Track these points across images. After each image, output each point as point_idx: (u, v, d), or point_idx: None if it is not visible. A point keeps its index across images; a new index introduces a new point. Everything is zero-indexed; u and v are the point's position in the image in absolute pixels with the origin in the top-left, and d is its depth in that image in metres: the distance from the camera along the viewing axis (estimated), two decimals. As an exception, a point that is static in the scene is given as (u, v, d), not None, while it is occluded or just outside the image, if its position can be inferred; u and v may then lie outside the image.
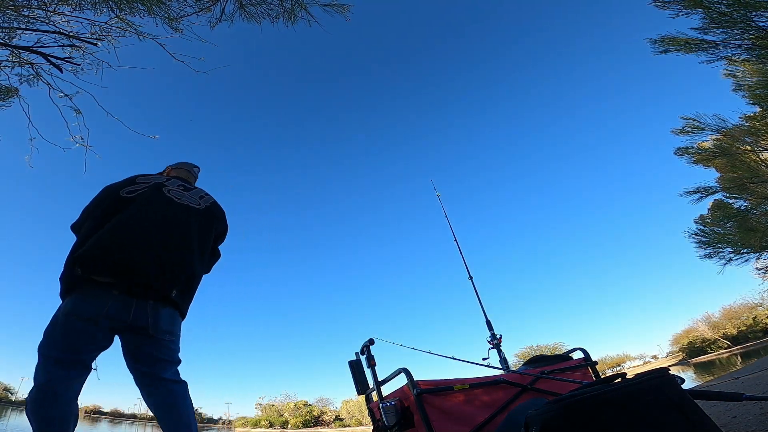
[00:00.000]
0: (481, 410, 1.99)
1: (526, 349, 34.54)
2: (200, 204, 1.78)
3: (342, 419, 33.51)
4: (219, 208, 1.89)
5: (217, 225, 1.83)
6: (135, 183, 1.71)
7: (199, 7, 3.65)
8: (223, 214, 1.91)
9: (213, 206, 1.85)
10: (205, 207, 1.79)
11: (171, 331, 1.50)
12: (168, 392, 1.45)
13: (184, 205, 1.71)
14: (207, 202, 1.83)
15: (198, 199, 1.80)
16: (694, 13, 4.25)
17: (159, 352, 1.46)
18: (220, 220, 1.86)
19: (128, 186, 1.68)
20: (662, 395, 1.01)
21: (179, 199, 1.72)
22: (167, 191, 1.72)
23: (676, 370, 8.61)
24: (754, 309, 33.93)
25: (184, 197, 1.75)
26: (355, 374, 2.44)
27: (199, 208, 1.76)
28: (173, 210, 1.65)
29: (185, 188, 1.83)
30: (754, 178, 5.73)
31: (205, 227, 1.73)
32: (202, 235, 1.70)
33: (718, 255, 6.61)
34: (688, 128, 5.97)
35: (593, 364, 2.46)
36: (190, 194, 1.80)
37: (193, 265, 1.58)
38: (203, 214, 1.75)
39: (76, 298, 1.37)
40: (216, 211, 1.85)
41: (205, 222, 1.74)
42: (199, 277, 1.66)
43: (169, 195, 1.70)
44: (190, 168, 2.16)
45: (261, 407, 39.29)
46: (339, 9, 3.64)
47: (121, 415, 54.26)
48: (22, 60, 3.80)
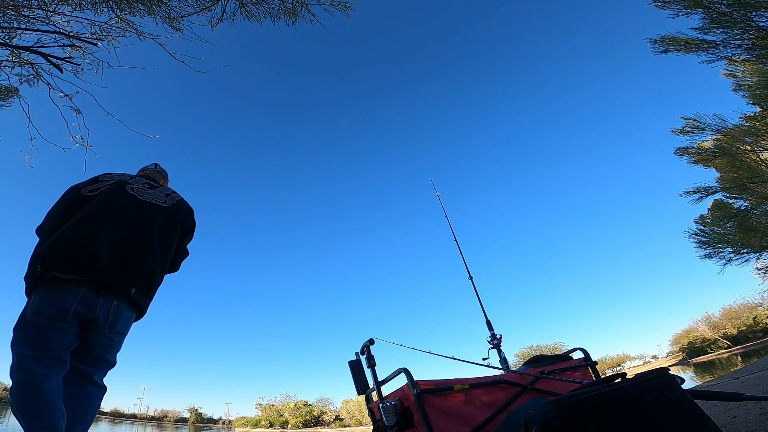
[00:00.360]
0: (481, 410, 1.99)
1: (526, 349, 34.58)
2: (165, 201, 1.78)
3: (342, 419, 33.51)
4: (186, 205, 1.88)
5: (183, 222, 1.81)
6: (98, 182, 1.72)
7: (199, 6, 3.65)
8: (191, 211, 1.90)
9: (179, 204, 1.84)
10: (171, 204, 1.78)
11: (123, 333, 1.51)
12: (85, 394, 1.43)
13: (147, 202, 1.70)
14: (173, 200, 1.82)
15: (164, 197, 1.80)
16: (694, 13, 4.25)
17: (105, 353, 1.46)
18: (187, 218, 1.85)
19: (91, 185, 1.69)
20: (662, 395, 1.01)
21: (143, 196, 1.71)
22: (130, 189, 1.72)
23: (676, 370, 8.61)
24: (754, 309, 33.93)
25: (149, 195, 1.75)
26: (355, 374, 2.44)
27: (164, 205, 1.75)
28: (135, 207, 1.65)
29: (150, 186, 1.82)
30: (754, 178, 5.73)
31: (169, 225, 1.72)
32: (166, 232, 1.69)
33: (718, 255, 6.61)
34: (688, 128, 5.98)
35: (593, 364, 2.46)
36: (155, 192, 1.79)
37: (154, 263, 1.58)
38: (168, 212, 1.74)
39: (41, 296, 1.36)
40: (182, 209, 1.84)
41: (169, 219, 1.73)
42: (160, 275, 1.65)
43: (133, 192, 1.70)
44: (160, 170, 2.17)
45: (261, 407, 39.30)
46: (341, 8, 3.64)
47: (121, 415, 54.24)
48: (22, 60, 3.80)
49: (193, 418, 52.24)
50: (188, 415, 53.04)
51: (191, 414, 52.60)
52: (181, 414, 54.00)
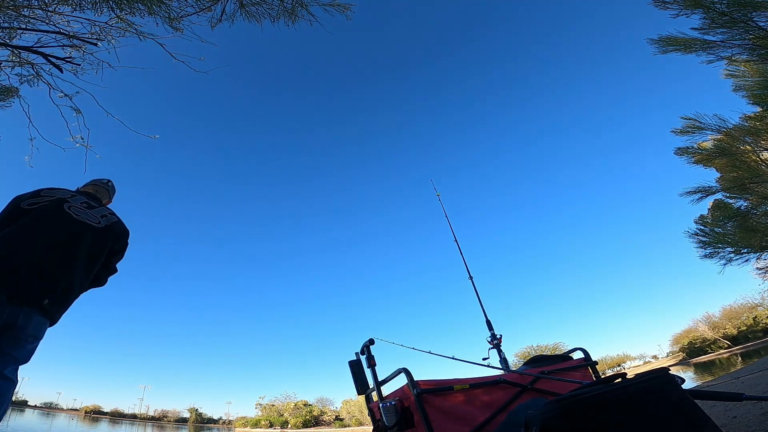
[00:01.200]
0: (481, 410, 2.00)
1: (526, 349, 34.59)
2: (100, 222, 1.89)
3: (342, 419, 33.52)
4: (119, 227, 2.00)
5: (114, 243, 1.93)
6: (39, 196, 1.83)
7: (199, 6, 3.65)
8: (124, 233, 2.02)
9: (114, 225, 1.96)
10: (104, 225, 1.90)
11: (37, 335, 1.59)
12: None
13: (81, 222, 1.81)
14: (108, 221, 1.94)
15: (99, 218, 1.91)
16: (694, 13, 4.26)
17: (14, 350, 1.53)
18: (118, 239, 1.97)
19: (31, 198, 1.81)
20: (662, 395, 1.01)
21: (78, 216, 1.83)
22: (68, 207, 1.83)
23: (676, 370, 8.62)
24: (754, 309, 33.95)
25: (84, 215, 1.86)
26: (355, 374, 2.44)
27: (98, 226, 1.87)
28: (68, 226, 1.76)
29: (89, 206, 1.94)
30: (754, 178, 5.73)
31: (98, 244, 1.84)
32: (94, 251, 1.81)
33: (718, 255, 6.61)
34: (688, 128, 5.98)
35: (593, 364, 2.46)
36: (92, 212, 1.91)
37: (72, 279, 1.68)
38: (100, 232, 1.86)
39: None
40: (115, 230, 1.96)
41: (100, 239, 1.85)
42: (78, 290, 1.75)
43: (69, 211, 1.81)
44: (102, 184, 2.27)
45: (261, 407, 39.32)
46: (340, 8, 3.64)
47: (121, 415, 54.24)
48: (22, 60, 3.80)
49: (193, 418, 52.25)
50: (188, 415, 53.06)
51: (191, 414, 52.62)
52: (181, 414, 54.04)
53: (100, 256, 1.85)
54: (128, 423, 48.15)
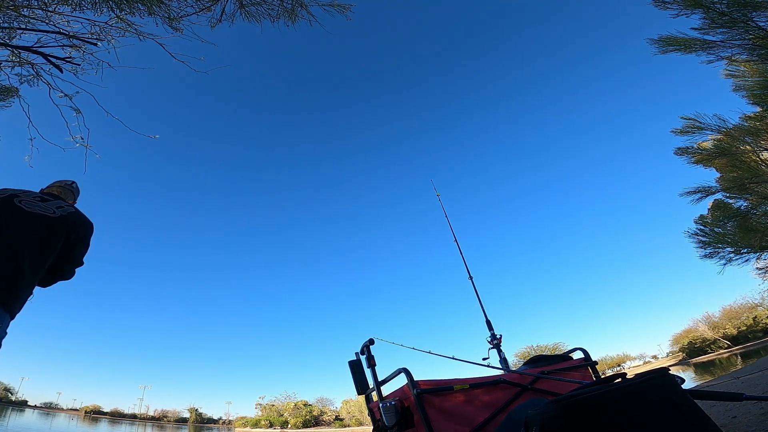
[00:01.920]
0: (481, 410, 2.00)
1: (526, 349, 34.61)
2: (54, 212, 1.90)
3: (342, 419, 33.52)
4: (76, 217, 2.00)
5: (70, 232, 1.93)
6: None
7: (199, 7, 3.66)
8: (84, 223, 2.02)
9: (70, 215, 1.96)
10: (59, 215, 1.91)
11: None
12: None
13: (33, 213, 1.84)
14: (64, 211, 1.95)
15: (54, 209, 1.92)
16: (694, 13, 4.26)
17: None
18: (75, 228, 1.96)
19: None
20: (662, 395, 1.01)
21: (30, 208, 1.85)
22: (18, 201, 1.86)
23: (676, 370, 8.62)
24: (754, 309, 33.95)
25: (37, 207, 1.88)
26: (355, 374, 2.44)
27: (52, 216, 1.88)
28: (18, 218, 1.79)
29: (42, 199, 1.96)
30: (754, 178, 5.73)
31: (52, 233, 1.84)
32: (48, 239, 1.82)
33: (718, 255, 6.61)
34: (688, 128, 5.98)
35: (593, 364, 2.46)
36: (45, 204, 1.93)
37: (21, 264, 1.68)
38: (54, 221, 1.87)
39: None
40: (70, 219, 1.95)
41: (53, 228, 1.85)
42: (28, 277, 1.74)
43: (20, 205, 1.85)
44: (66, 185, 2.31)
45: (261, 407, 39.32)
46: (340, 9, 3.64)
47: (121, 415, 54.26)
48: (22, 60, 3.80)
49: (193, 418, 52.26)
50: (188, 415, 53.07)
51: (191, 414, 52.62)
52: (181, 414, 54.05)
53: (55, 244, 1.85)
54: (128, 423, 48.15)
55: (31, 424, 25.08)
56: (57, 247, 1.86)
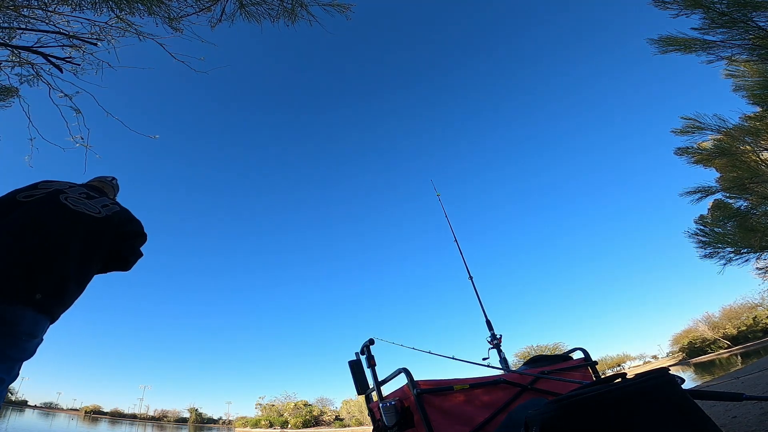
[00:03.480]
0: (481, 410, 2.00)
1: (526, 349, 34.59)
2: (100, 212, 1.80)
3: (342, 419, 33.51)
4: (124, 215, 1.92)
5: (117, 229, 1.84)
6: (36, 188, 1.76)
7: (199, 7, 3.65)
8: (130, 220, 1.93)
9: (116, 215, 1.86)
10: (105, 215, 1.80)
11: (32, 333, 1.50)
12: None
13: (78, 212, 1.72)
14: (110, 210, 1.85)
15: (99, 208, 1.82)
16: (694, 13, 4.25)
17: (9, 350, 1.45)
18: (123, 226, 1.87)
19: (28, 191, 1.73)
20: (662, 395, 1.01)
21: (75, 206, 1.74)
22: (64, 198, 1.75)
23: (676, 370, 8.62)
24: (754, 309, 33.93)
25: (83, 205, 1.77)
26: (355, 374, 2.44)
27: (98, 216, 1.77)
28: (62, 216, 1.67)
29: (88, 196, 1.85)
30: (754, 178, 5.73)
31: (98, 234, 1.74)
32: (93, 241, 1.71)
33: (718, 255, 6.61)
34: (688, 128, 5.98)
35: (593, 364, 2.46)
36: (91, 202, 1.82)
37: (67, 271, 1.59)
38: (100, 222, 1.76)
39: None
40: (118, 219, 1.86)
41: (101, 229, 1.75)
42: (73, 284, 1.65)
43: (65, 201, 1.73)
44: (107, 181, 2.22)
45: (261, 407, 39.30)
46: (340, 8, 3.64)
47: (121, 415, 54.22)
48: (22, 60, 3.80)
49: (193, 418, 52.23)
50: (188, 415, 53.04)
51: (191, 414, 52.60)
52: (181, 414, 54.02)
53: (100, 246, 1.75)
54: (128, 423, 48.13)
55: (31, 424, 25.08)
56: (104, 249, 1.77)
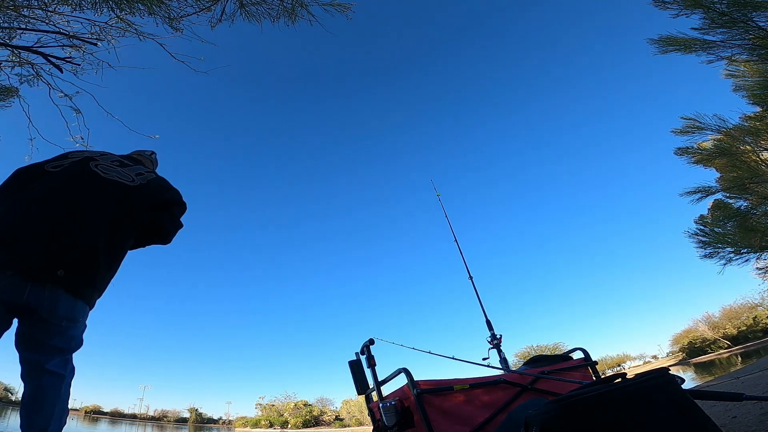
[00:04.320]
0: (481, 410, 1.99)
1: (526, 349, 34.58)
2: (134, 180, 1.67)
3: (342, 419, 33.50)
4: (161, 184, 1.78)
5: (152, 198, 1.69)
6: (66, 158, 1.64)
7: (199, 7, 3.65)
8: (166, 189, 1.78)
9: (151, 182, 1.72)
10: (139, 183, 1.67)
11: (70, 317, 1.36)
12: (38, 387, 1.32)
13: (110, 179, 1.59)
14: (144, 179, 1.71)
15: (133, 176, 1.69)
16: (694, 13, 4.25)
17: (50, 338, 1.33)
18: (159, 195, 1.73)
19: (57, 161, 1.61)
20: (662, 395, 1.01)
21: (106, 173, 1.61)
22: (94, 165, 1.62)
23: (676, 370, 8.60)
24: (754, 309, 33.93)
25: (114, 172, 1.64)
26: (355, 374, 2.44)
27: (132, 184, 1.64)
28: (92, 184, 1.54)
29: (121, 164, 1.72)
30: (754, 178, 5.73)
31: (132, 203, 1.60)
32: (124, 211, 1.56)
33: (718, 255, 6.61)
34: (688, 128, 5.98)
35: (593, 364, 2.46)
36: (124, 170, 1.69)
37: (95, 243, 1.42)
38: (134, 191, 1.62)
39: None
40: (153, 187, 1.72)
41: (134, 198, 1.61)
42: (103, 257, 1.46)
43: (96, 169, 1.60)
44: (146, 155, 2.08)
45: (261, 407, 39.29)
46: (340, 8, 3.64)
47: (121, 415, 54.23)
48: (22, 60, 3.80)
49: (193, 418, 52.24)
50: (188, 415, 53.05)
51: (191, 414, 52.60)
52: (181, 414, 54.02)
53: (133, 216, 1.59)
54: (128, 423, 48.12)
55: (31, 424, 25.00)
56: (138, 219, 1.61)
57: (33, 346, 1.34)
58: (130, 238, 1.61)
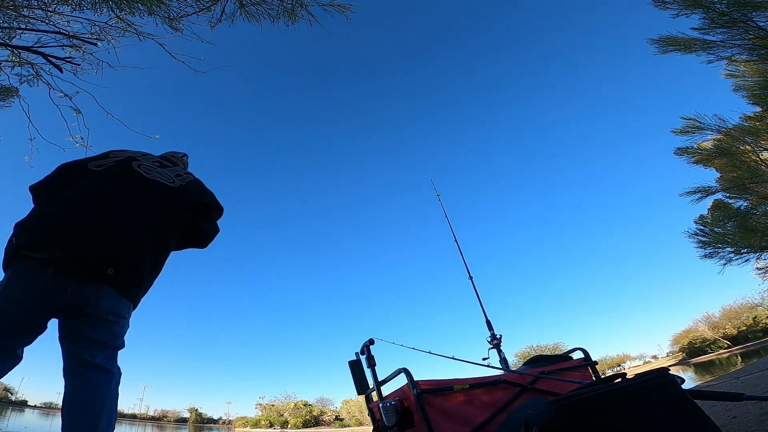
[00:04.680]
0: (481, 410, 1.99)
1: (526, 349, 34.59)
2: (174, 181, 1.67)
3: (342, 419, 33.49)
4: (199, 186, 1.78)
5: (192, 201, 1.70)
6: (107, 157, 1.64)
7: (199, 7, 3.65)
8: (203, 192, 1.79)
9: (190, 184, 1.73)
10: (179, 185, 1.67)
11: (116, 312, 1.36)
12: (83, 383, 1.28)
13: (152, 180, 1.60)
14: (184, 180, 1.72)
15: (173, 177, 1.69)
16: (694, 13, 4.25)
17: (97, 333, 1.32)
18: (197, 197, 1.73)
19: (99, 159, 1.61)
20: (662, 395, 1.01)
21: (149, 174, 1.62)
22: (137, 165, 1.62)
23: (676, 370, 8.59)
24: (754, 309, 33.94)
25: (156, 173, 1.64)
26: (355, 374, 2.44)
27: (172, 185, 1.65)
28: (135, 184, 1.54)
29: (161, 165, 1.73)
30: (754, 178, 5.73)
31: (174, 205, 1.61)
32: (167, 212, 1.56)
33: (718, 255, 6.60)
34: (688, 128, 5.97)
35: (593, 364, 2.46)
36: (165, 171, 1.70)
37: (141, 244, 1.43)
38: (175, 192, 1.63)
39: (10, 275, 1.26)
40: (192, 189, 1.73)
41: (176, 200, 1.62)
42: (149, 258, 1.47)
43: (138, 169, 1.61)
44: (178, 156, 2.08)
45: (261, 407, 39.28)
46: (340, 9, 3.64)
47: (121, 415, 54.20)
48: (22, 60, 3.80)
49: (193, 418, 52.25)
50: (188, 415, 53.06)
51: (191, 414, 52.61)
52: (181, 414, 54.04)
53: (176, 218, 1.60)
54: (128, 423, 48.13)
55: (31, 424, 25.07)
56: (180, 221, 1.62)
57: (79, 340, 1.32)
58: (173, 239, 1.62)
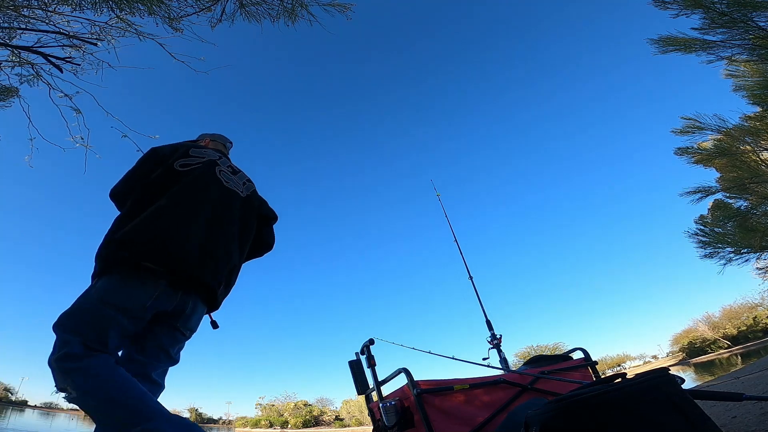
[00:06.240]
0: (481, 410, 1.99)
1: (526, 349, 34.56)
2: (243, 191, 1.65)
3: (342, 419, 33.49)
4: (258, 197, 1.77)
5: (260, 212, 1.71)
6: (189, 156, 1.56)
7: (199, 6, 3.65)
8: (263, 201, 1.79)
9: (253, 195, 1.72)
10: (246, 195, 1.66)
11: (195, 328, 1.40)
12: None
13: (231, 190, 1.58)
14: (248, 189, 1.70)
15: (242, 185, 1.67)
16: (694, 13, 4.26)
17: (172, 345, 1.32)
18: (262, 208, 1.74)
19: (182, 158, 1.54)
20: (662, 395, 1.01)
21: (227, 182, 1.59)
22: (218, 171, 1.59)
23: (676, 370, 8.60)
24: (754, 309, 33.94)
25: (232, 181, 1.62)
26: (355, 374, 2.44)
27: (243, 195, 1.63)
28: (222, 194, 1.52)
29: (233, 171, 1.70)
30: (754, 178, 5.73)
31: (249, 218, 1.61)
32: (243, 225, 1.57)
33: (718, 255, 6.61)
34: (688, 128, 5.98)
35: (593, 364, 2.46)
36: (237, 178, 1.67)
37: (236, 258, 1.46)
38: (245, 203, 1.62)
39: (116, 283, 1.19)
40: (257, 200, 1.73)
41: (248, 211, 1.61)
42: (239, 270, 1.54)
43: (220, 177, 1.57)
44: (225, 142, 2.00)
45: (261, 407, 39.28)
46: (340, 8, 3.64)
47: (121, 415, 54.16)
48: (22, 60, 3.80)
49: (193, 418, 52.23)
50: (188, 415, 53.06)
51: (191, 414, 52.61)
52: (181, 414, 53.83)
53: (250, 230, 1.60)
54: (128, 423, 47.89)
55: (31, 424, 25.08)
56: (251, 233, 1.62)
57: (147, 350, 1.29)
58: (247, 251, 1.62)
